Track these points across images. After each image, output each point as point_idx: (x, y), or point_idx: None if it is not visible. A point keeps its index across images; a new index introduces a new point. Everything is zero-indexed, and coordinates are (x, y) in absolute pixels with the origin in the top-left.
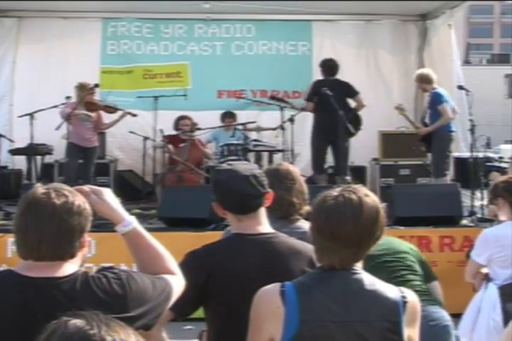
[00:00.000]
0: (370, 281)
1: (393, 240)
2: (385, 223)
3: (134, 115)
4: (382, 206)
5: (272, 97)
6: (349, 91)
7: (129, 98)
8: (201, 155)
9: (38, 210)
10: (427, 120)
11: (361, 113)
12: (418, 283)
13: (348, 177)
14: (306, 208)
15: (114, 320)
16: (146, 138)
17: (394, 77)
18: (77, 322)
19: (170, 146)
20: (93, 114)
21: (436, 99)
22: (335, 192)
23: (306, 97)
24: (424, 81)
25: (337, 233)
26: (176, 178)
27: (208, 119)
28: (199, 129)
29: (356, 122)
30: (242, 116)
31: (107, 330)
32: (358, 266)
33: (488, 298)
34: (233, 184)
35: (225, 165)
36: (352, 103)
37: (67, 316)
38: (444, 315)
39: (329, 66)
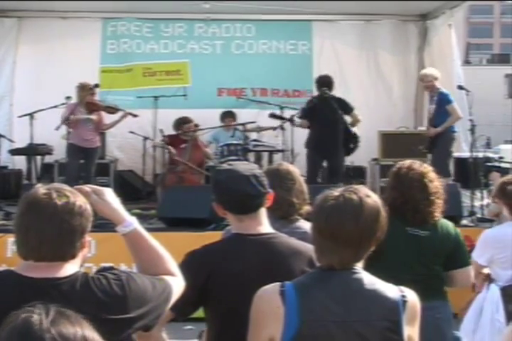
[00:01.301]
0: (370, 281)
1: None
2: (385, 223)
3: (135, 115)
4: (383, 206)
5: (272, 115)
6: (345, 107)
7: (129, 97)
8: (203, 156)
9: (39, 210)
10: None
11: (361, 113)
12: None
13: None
14: (306, 208)
15: (68, 315)
16: (146, 138)
17: (394, 77)
18: (27, 315)
19: (170, 147)
20: (94, 117)
21: (445, 99)
22: (336, 192)
23: (300, 115)
24: (436, 79)
25: (337, 233)
26: (177, 179)
27: (208, 118)
28: (200, 129)
29: (353, 140)
30: (242, 114)
31: (50, 326)
32: (359, 266)
33: (490, 298)
34: (233, 184)
35: (225, 165)
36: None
37: (26, 309)
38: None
39: (325, 82)
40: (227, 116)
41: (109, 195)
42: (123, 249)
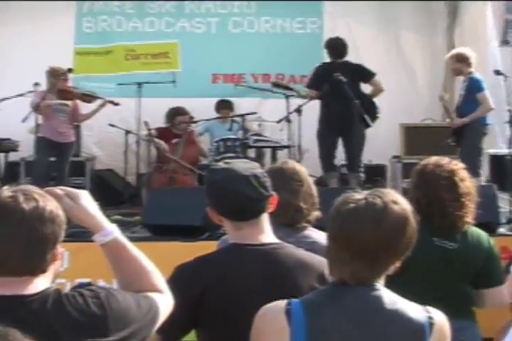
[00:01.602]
0: (391, 299)
1: None
2: (414, 236)
3: (116, 104)
4: (413, 217)
5: (275, 84)
6: (363, 74)
7: (108, 83)
8: (197, 154)
9: (4, 217)
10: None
11: (380, 103)
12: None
13: (362, 175)
14: (316, 214)
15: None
16: (128, 132)
17: (418, 61)
18: None
19: (161, 142)
20: (69, 104)
21: (475, 86)
22: (358, 195)
23: (308, 84)
24: (462, 61)
25: (352, 241)
26: (167, 179)
27: (200, 108)
28: (194, 122)
29: (372, 111)
30: (241, 105)
31: None
32: (378, 281)
33: None
34: (231, 185)
35: (221, 164)
36: (366, 88)
37: None
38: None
39: (337, 46)
40: (224, 106)
41: (85, 199)
42: (101, 262)
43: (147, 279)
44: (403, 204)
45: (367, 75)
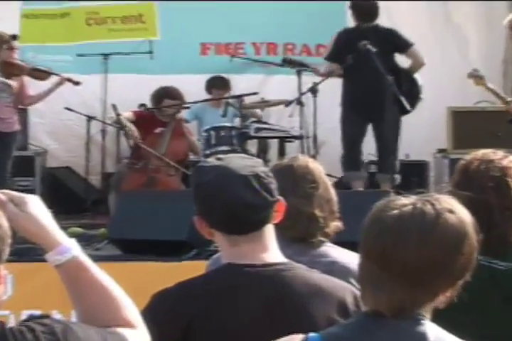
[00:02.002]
0: (438, 337)
1: None
2: (472, 257)
3: (77, 83)
4: (474, 231)
5: (286, 61)
6: (398, 42)
7: (65, 55)
8: (186, 149)
9: None
10: None
11: (422, 80)
12: None
13: (398, 177)
14: (335, 225)
15: None
16: (91, 118)
17: (472, 31)
18: None
19: (132, 128)
20: (13, 82)
21: None
22: (405, 199)
23: (327, 55)
24: None
25: (391, 258)
26: (144, 181)
27: (186, 88)
28: (181, 106)
29: (412, 92)
30: (239, 83)
31: None
32: (423, 315)
33: None
34: (225, 188)
35: (212, 160)
36: (401, 61)
37: None
38: None
39: (364, 7)
40: (216, 85)
41: (35, 206)
42: (56, 288)
43: (116, 310)
44: (461, 214)
45: (403, 44)
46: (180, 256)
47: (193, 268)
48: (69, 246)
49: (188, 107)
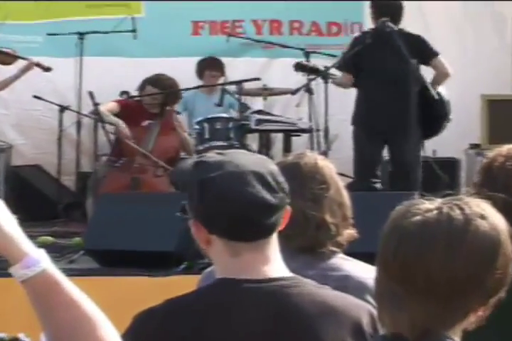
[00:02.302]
0: None
1: None
2: (508, 270)
3: (48, 69)
4: (509, 239)
5: (298, 66)
6: (423, 50)
7: (34, 36)
8: (178, 145)
9: None
10: None
11: (454, 66)
12: None
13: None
14: (349, 233)
15: None
16: (64, 108)
17: (510, 15)
18: None
19: (120, 123)
20: None
21: None
22: (430, 203)
23: (339, 63)
24: None
25: (412, 270)
26: (127, 182)
27: (175, 72)
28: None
29: (438, 109)
30: (237, 67)
31: None
32: (451, 336)
33: None
34: (239, 185)
35: (213, 155)
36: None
37: None
38: None
39: (387, 6)
40: (210, 68)
41: None
42: (22, 307)
43: (91, 332)
44: (495, 220)
45: (429, 53)
46: (168, 269)
47: (182, 284)
48: (37, 259)
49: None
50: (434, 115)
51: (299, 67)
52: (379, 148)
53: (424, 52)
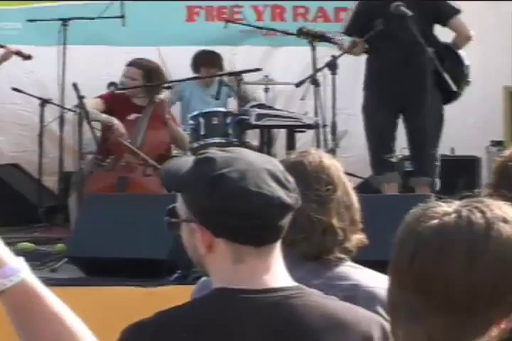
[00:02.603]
0: None
1: None
2: None
3: (28, 57)
4: None
5: (302, 32)
6: (440, 9)
7: (13, 22)
8: (169, 141)
9: None
10: None
11: (472, 55)
12: None
13: (438, 181)
14: (358, 238)
15: None
16: (45, 102)
17: None
18: None
19: (115, 122)
20: None
21: None
22: (447, 206)
23: (346, 28)
24: None
25: (429, 280)
26: (113, 182)
27: (167, 63)
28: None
29: (457, 73)
30: (236, 57)
31: None
32: None
33: None
34: (255, 183)
35: (217, 152)
36: (443, 34)
37: None
38: None
39: None
40: (207, 65)
41: None
42: (1, 319)
43: None
44: None
45: (446, 12)
46: (160, 279)
47: (175, 295)
48: (16, 267)
49: (169, 87)
50: (453, 76)
51: (303, 33)
52: (393, 117)
53: (443, 11)
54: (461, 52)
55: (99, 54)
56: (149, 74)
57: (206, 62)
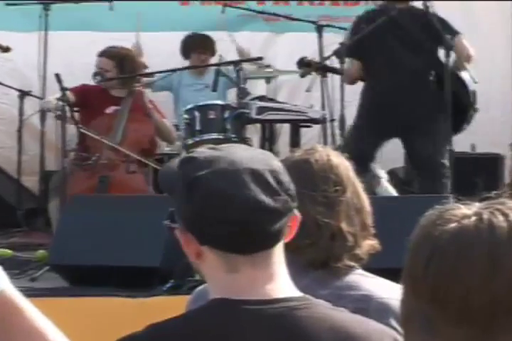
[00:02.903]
0: None
1: None
2: None
3: (6, 49)
4: None
5: (303, 63)
6: (438, 31)
7: None
8: (152, 134)
9: None
10: None
11: (494, 49)
12: None
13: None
14: (370, 244)
15: None
16: (25, 94)
17: None
18: None
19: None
20: None
21: None
22: (467, 208)
23: (339, 52)
24: None
25: (446, 289)
26: (94, 182)
27: (159, 50)
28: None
29: (462, 96)
30: (236, 43)
31: None
32: None
33: None
34: (233, 186)
35: (205, 150)
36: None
37: None
38: None
39: None
40: (198, 50)
41: None
42: None
43: None
44: None
45: (447, 31)
46: (152, 289)
47: (169, 306)
48: None
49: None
50: (457, 105)
51: (304, 64)
52: (380, 141)
53: (443, 30)
54: (465, 75)
55: (83, 40)
56: (121, 63)
57: (197, 46)
